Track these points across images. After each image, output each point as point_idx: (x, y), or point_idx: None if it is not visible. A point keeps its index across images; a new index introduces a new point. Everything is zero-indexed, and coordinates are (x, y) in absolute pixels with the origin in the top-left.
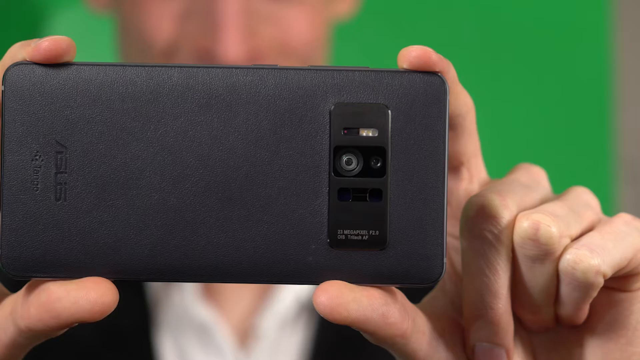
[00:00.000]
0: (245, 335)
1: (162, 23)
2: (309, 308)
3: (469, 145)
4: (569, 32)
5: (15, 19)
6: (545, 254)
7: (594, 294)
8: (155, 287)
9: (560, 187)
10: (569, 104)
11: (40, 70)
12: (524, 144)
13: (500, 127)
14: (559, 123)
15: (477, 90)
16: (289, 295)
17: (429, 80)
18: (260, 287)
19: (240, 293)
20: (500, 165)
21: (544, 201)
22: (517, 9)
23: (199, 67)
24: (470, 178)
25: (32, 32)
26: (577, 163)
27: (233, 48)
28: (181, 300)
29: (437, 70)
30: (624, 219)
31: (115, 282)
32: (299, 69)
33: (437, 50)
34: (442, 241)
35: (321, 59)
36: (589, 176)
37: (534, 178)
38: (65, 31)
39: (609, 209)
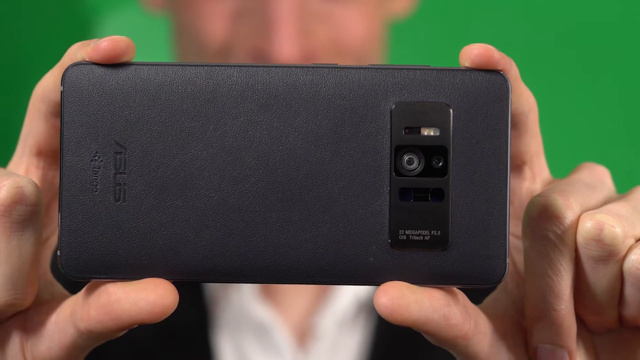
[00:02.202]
0: (304, 335)
1: (216, 23)
2: (367, 307)
3: (532, 144)
4: (630, 28)
5: (71, 19)
6: (609, 254)
7: None
8: (213, 287)
9: (624, 186)
10: (633, 102)
11: (99, 70)
12: (587, 142)
13: (563, 125)
14: (622, 121)
15: (538, 89)
16: (348, 294)
17: (491, 79)
18: (319, 287)
19: (298, 292)
20: (563, 165)
21: (607, 201)
22: (577, 5)
23: (259, 66)
24: (533, 177)
25: (88, 32)
26: None
27: (287, 48)
28: (239, 299)
29: (499, 68)
30: None
31: (174, 283)
32: (359, 68)
33: (499, 48)
34: (505, 241)
35: (377, 58)
36: None
37: (597, 178)
38: (120, 31)
39: None
